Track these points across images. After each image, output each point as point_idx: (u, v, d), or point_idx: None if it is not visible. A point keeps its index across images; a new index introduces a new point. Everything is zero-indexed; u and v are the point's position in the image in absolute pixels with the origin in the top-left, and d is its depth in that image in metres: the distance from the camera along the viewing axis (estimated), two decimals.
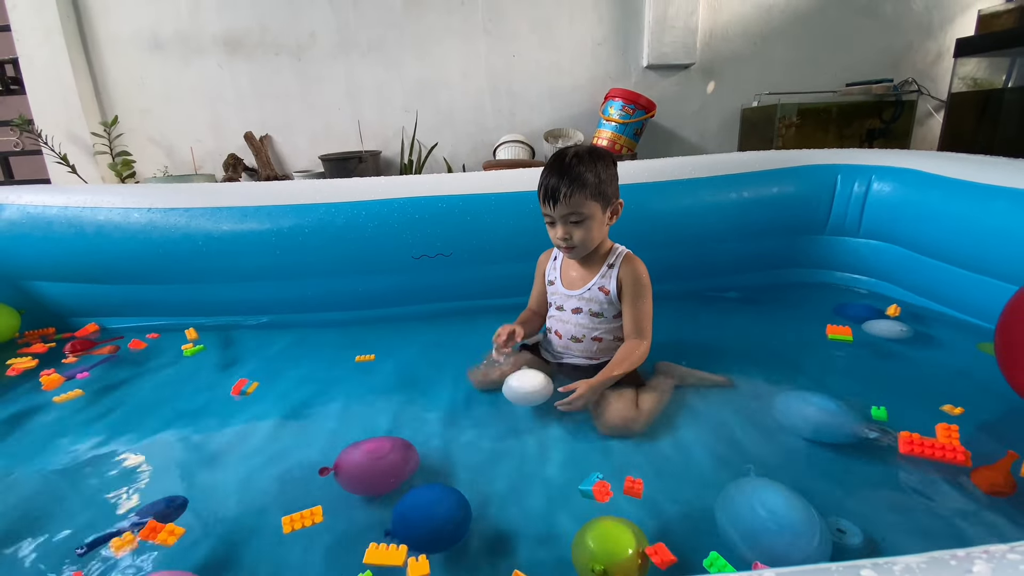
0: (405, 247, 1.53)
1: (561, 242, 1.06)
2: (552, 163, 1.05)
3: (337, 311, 1.63)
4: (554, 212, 1.03)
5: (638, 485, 0.83)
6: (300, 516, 0.81)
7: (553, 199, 1.02)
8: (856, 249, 1.69)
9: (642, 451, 0.96)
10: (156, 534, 0.78)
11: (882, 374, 1.21)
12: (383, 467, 0.88)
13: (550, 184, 1.03)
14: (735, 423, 1.03)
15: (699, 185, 1.64)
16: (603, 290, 1.12)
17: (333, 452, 0.95)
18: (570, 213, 1.04)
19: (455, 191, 1.56)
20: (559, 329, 1.18)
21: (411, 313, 1.63)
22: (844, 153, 1.72)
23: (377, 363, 1.33)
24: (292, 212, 1.51)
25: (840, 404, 1.02)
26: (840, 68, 3.01)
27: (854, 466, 0.91)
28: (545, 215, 1.05)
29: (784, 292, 1.71)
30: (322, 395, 1.19)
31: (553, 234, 1.07)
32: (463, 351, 1.32)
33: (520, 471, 0.91)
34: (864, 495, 0.84)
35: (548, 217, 1.05)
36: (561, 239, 1.06)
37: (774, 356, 1.30)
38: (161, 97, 2.92)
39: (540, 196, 1.03)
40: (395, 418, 1.09)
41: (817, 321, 1.43)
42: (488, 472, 0.91)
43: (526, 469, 0.92)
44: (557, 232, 1.06)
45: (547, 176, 1.04)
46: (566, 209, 1.03)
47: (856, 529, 0.77)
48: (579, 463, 0.92)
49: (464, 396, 1.16)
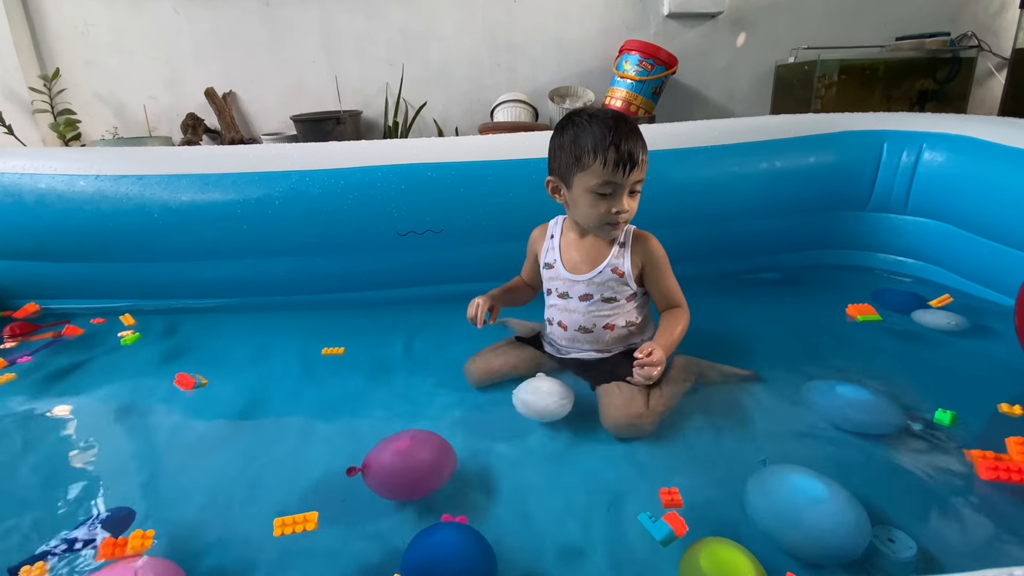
0: (389, 222, 1.52)
1: (618, 217, 1.04)
2: (610, 120, 1.00)
3: (313, 294, 1.63)
4: (626, 179, 1.01)
5: (676, 496, 0.85)
6: (292, 521, 0.82)
7: (631, 163, 0.99)
8: (902, 228, 1.69)
9: (661, 453, 0.99)
10: (121, 549, 0.79)
11: (933, 369, 1.22)
12: (422, 468, 0.87)
13: (627, 147, 0.99)
14: (764, 418, 1.05)
15: (725, 153, 1.63)
16: (616, 271, 1.12)
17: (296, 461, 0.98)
18: (639, 180, 1.03)
19: (447, 158, 1.55)
20: (564, 320, 1.17)
21: (395, 297, 1.63)
22: (891, 118, 1.71)
23: (349, 357, 1.34)
24: (260, 181, 1.50)
25: (887, 401, 1.04)
26: (889, 20, 2.98)
27: (909, 471, 0.93)
28: (606, 184, 1.01)
29: (819, 276, 1.72)
30: (281, 395, 1.20)
31: (606, 207, 1.03)
32: (455, 342, 1.31)
33: (539, 495, 0.90)
34: (920, 504, 0.86)
35: (609, 187, 1.01)
36: (622, 212, 1.04)
37: (807, 347, 1.31)
38: (109, 47, 2.88)
39: (605, 161, 0.98)
40: (369, 428, 1.07)
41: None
42: (502, 497, 0.89)
43: (546, 492, 0.91)
44: (615, 204, 1.03)
45: (614, 135, 0.99)
46: (639, 175, 1.02)
47: (910, 541, 0.78)
48: (602, 478, 0.93)
49: (459, 397, 1.16)
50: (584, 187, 1.03)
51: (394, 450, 0.88)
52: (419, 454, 0.88)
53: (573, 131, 1.03)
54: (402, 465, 0.87)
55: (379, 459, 0.88)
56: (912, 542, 0.78)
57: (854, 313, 1.44)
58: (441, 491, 0.89)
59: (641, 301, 1.17)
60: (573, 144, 1.02)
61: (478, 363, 1.21)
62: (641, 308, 1.18)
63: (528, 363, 1.22)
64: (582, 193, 1.04)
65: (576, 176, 1.03)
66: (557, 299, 1.18)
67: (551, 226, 1.21)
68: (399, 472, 0.86)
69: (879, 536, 0.79)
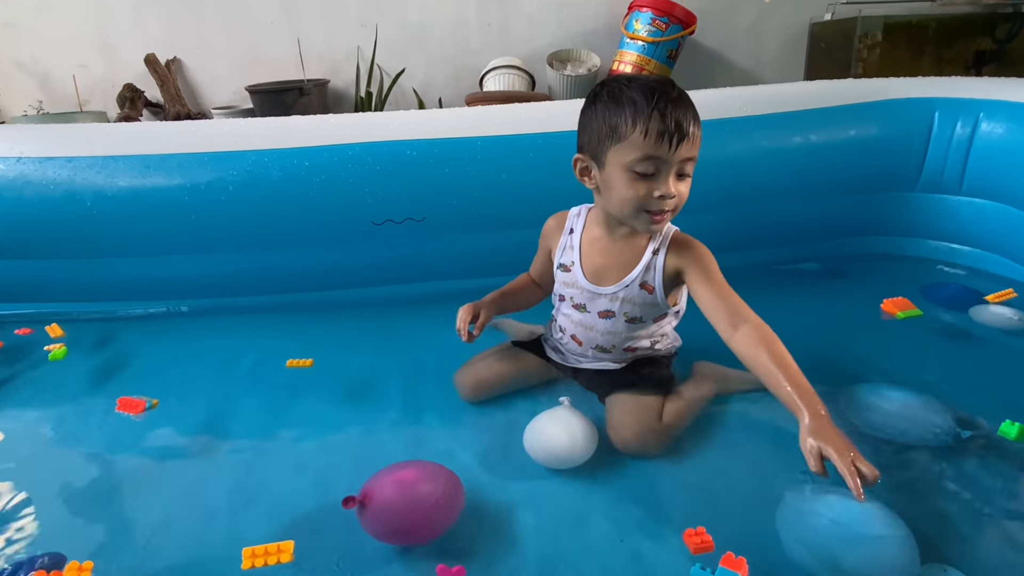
0: (363, 210, 1.51)
1: (662, 203, 0.97)
2: (653, 84, 0.96)
3: (275, 295, 1.63)
4: (673, 155, 0.94)
5: (705, 538, 0.85)
6: (264, 550, 0.83)
7: (679, 134, 0.93)
8: (956, 210, 1.70)
9: (684, 477, 1.00)
10: None
11: (992, 373, 1.24)
12: (428, 510, 0.85)
13: (675, 114, 0.93)
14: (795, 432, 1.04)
15: (752, 126, 1.64)
16: (646, 287, 1.07)
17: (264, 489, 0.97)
18: (689, 158, 0.96)
19: (429, 134, 1.53)
20: (577, 335, 1.15)
21: (371, 298, 1.63)
22: (944, 83, 1.72)
23: (318, 370, 1.33)
24: (211, 163, 1.48)
25: (940, 408, 1.05)
26: None
27: (965, 494, 0.93)
28: (647, 160, 0.94)
29: (862, 267, 1.73)
30: (242, 415, 1.20)
31: (647, 189, 0.96)
32: (444, 349, 1.29)
33: (548, 538, 0.90)
34: (977, 535, 0.86)
35: (651, 163, 0.94)
36: (667, 196, 0.96)
37: (847, 348, 1.32)
38: (32, 7, 2.86)
39: (647, 131, 0.93)
40: (346, 452, 1.08)
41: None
42: (504, 541, 0.89)
43: (556, 535, 0.90)
44: (659, 186, 0.95)
45: (659, 100, 0.93)
46: (690, 150, 0.95)
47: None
48: (623, 514, 0.93)
49: (451, 416, 1.16)
50: (620, 164, 0.96)
51: (395, 481, 0.88)
52: (424, 486, 0.88)
53: (608, 97, 0.98)
54: (404, 498, 0.86)
55: (378, 490, 0.86)
56: None
57: (892, 309, 1.45)
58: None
59: (671, 320, 1.16)
60: (607, 112, 0.97)
61: (469, 374, 1.21)
62: (669, 326, 1.17)
63: (528, 373, 1.22)
64: (617, 172, 0.97)
65: (610, 151, 0.97)
66: (572, 310, 1.15)
67: (571, 217, 1.16)
68: (400, 507, 0.85)
69: (929, 575, 0.79)
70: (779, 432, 1.07)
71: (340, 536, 0.89)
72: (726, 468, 1.02)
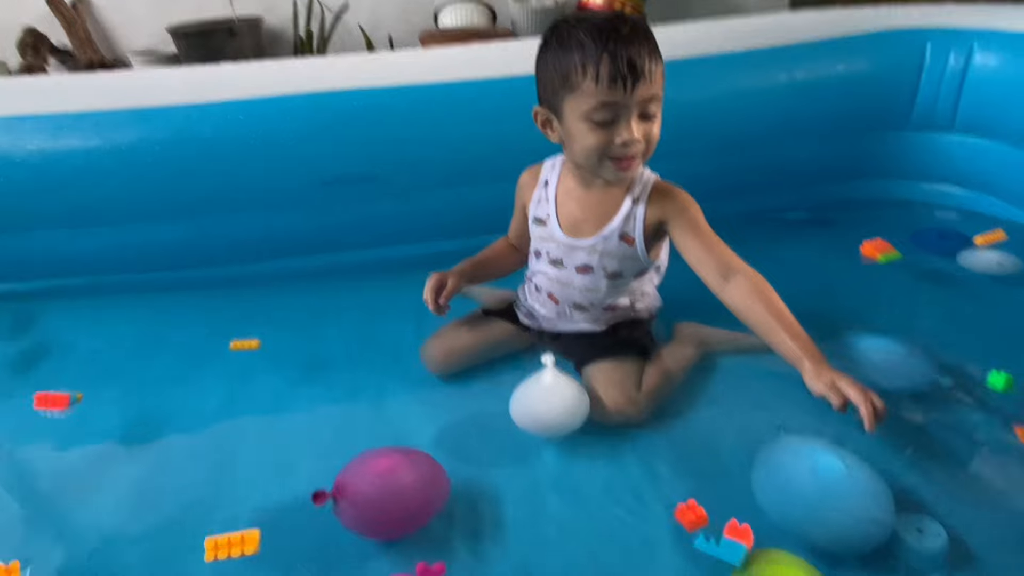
0: (308, 168, 1.50)
1: (625, 150, 0.97)
2: (601, 22, 0.95)
3: (213, 267, 1.60)
4: (630, 97, 0.94)
5: (698, 511, 0.88)
6: (227, 541, 0.85)
7: (634, 74, 0.92)
8: (948, 150, 1.73)
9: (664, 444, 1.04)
10: None
11: (978, 321, 1.29)
12: (408, 502, 0.86)
13: (626, 53, 0.92)
14: (779, 388, 1.09)
15: (733, 63, 1.63)
16: (626, 239, 1.09)
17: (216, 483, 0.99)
18: (651, 98, 0.96)
19: (381, 81, 1.50)
20: (554, 292, 1.17)
21: (322, 267, 1.61)
22: (936, 10, 1.71)
23: (267, 351, 1.32)
24: (133, 120, 1.44)
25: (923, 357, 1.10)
26: None
27: (946, 444, 0.98)
28: (603, 108, 0.94)
29: (852, 214, 1.76)
30: (182, 405, 1.19)
31: (606, 137, 0.97)
32: (408, 321, 1.30)
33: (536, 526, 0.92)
34: (957, 486, 0.92)
35: (608, 110, 0.95)
36: (630, 143, 0.96)
37: (833, 299, 1.36)
38: None
39: (598, 76, 0.93)
40: (305, 441, 1.08)
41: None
42: (486, 532, 0.90)
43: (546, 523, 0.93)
44: (621, 133, 0.96)
45: (608, 40, 0.92)
46: (649, 90, 0.95)
47: (939, 529, 0.83)
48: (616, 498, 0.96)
49: (420, 394, 1.16)
50: (577, 114, 0.97)
51: (371, 472, 0.88)
52: (404, 477, 0.89)
53: (556, 42, 0.98)
54: (382, 492, 0.86)
55: (353, 483, 0.87)
56: (942, 531, 0.83)
57: (872, 253, 1.50)
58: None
59: (652, 275, 1.18)
60: (557, 59, 0.97)
61: (437, 346, 1.21)
62: (651, 282, 1.19)
63: (500, 341, 1.23)
64: (575, 123, 0.98)
65: (566, 101, 0.98)
66: (548, 266, 1.16)
67: (545, 169, 1.17)
68: (379, 501, 0.86)
69: (906, 525, 0.84)
70: (763, 393, 1.11)
71: (309, 527, 0.90)
72: (713, 433, 1.05)
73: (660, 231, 1.09)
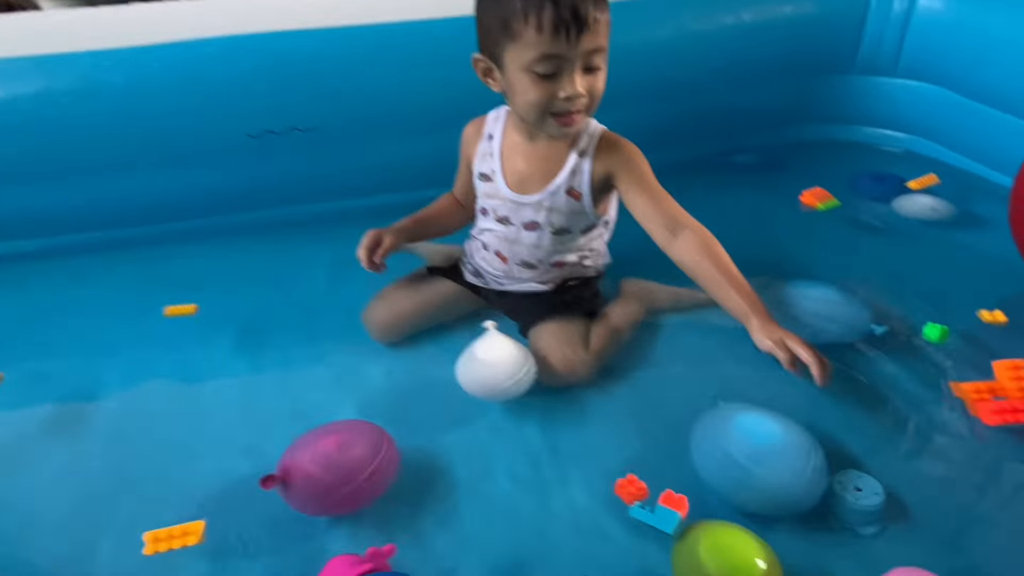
0: (234, 119, 1.44)
1: (568, 105, 0.96)
2: None
3: (139, 226, 1.56)
4: (574, 49, 0.91)
5: (638, 484, 0.88)
6: (168, 534, 0.83)
7: (578, 24, 0.89)
8: (891, 94, 1.75)
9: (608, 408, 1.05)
10: None
11: (910, 268, 1.33)
12: (356, 475, 0.85)
13: (571, 1, 0.89)
14: (720, 348, 1.11)
15: (680, 5, 1.61)
16: (573, 194, 1.08)
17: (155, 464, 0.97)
18: (596, 50, 0.94)
19: (313, 21, 1.44)
20: (502, 250, 1.16)
21: (255, 224, 1.58)
22: None
23: (204, 316, 1.28)
24: (36, 69, 1.38)
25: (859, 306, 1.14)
26: None
27: (884, 398, 1.01)
28: (546, 59, 0.92)
29: (796, 158, 1.78)
30: (113, 378, 1.15)
31: (549, 91, 0.95)
32: (350, 281, 1.26)
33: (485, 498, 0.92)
34: (894, 441, 0.95)
35: (551, 62, 0.92)
36: (574, 98, 0.95)
37: (776, 247, 1.39)
38: None
39: (540, 24, 0.89)
40: (246, 414, 1.06)
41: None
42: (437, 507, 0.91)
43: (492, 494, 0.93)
44: (564, 87, 0.94)
45: None
46: (594, 40, 0.92)
47: (877, 487, 0.85)
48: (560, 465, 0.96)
49: (364, 361, 1.15)
50: (518, 65, 0.94)
51: (319, 452, 0.87)
52: (353, 453, 0.87)
53: None
54: (331, 471, 0.85)
55: (300, 464, 0.85)
56: (880, 488, 0.85)
57: (811, 201, 1.54)
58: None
59: (600, 231, 1.17)
60: (498, 5, 0.94)
61: (380, 310, 1.19)
62: (600, 239, 1.18)
63: (447, 304, 1.22)
64: (517, 74, 0.95)
65: (507, 51, 0.95)
66: (495, 223, 1.15)
67: (489, 122, 1.15)
68: (328, 482, 0.85)
69: (843, 482, 0.86)
70: (708, 350, 1.14)
71: (254, 511, 0.89)
72: (658, 394, 1.07)
73: (607, 185, 1.09)
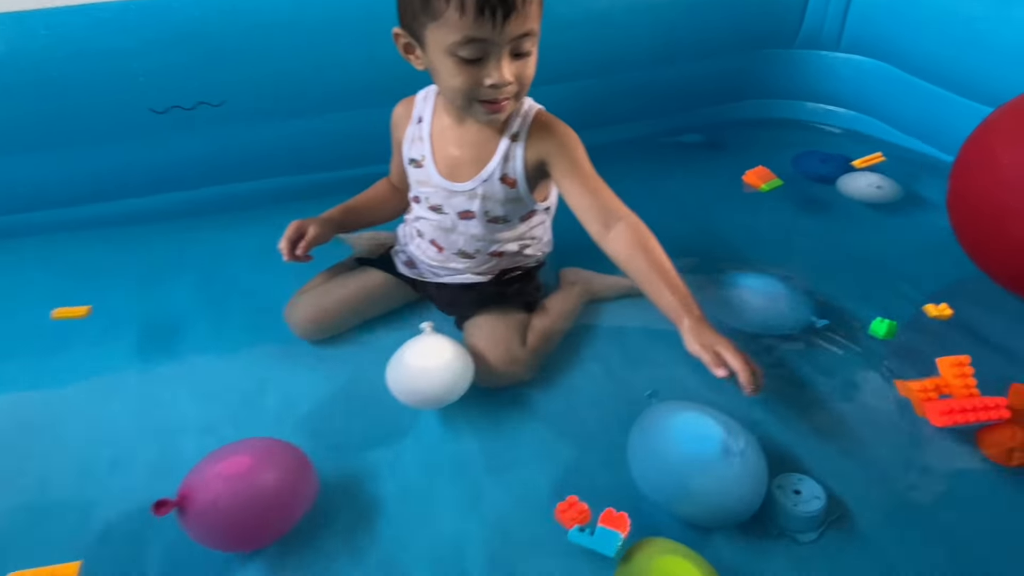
0: (136, 93, 1.38)
1: (495, 93, 0.92)
2: None
3: (23, 213, 1.49)
4: (503, 35, 0.87)
5: (580, 506, 0.84)
6: None
7: (505, 7, 0.85)
8: (834, 69, 1.75)
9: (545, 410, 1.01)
10: None
11: (854, 255, 1.32)
12: (268, 503, 0.79)
13: None
14: (658, 339, 1.09)
15: None
16: (507, 181, 1.04)
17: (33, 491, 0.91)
18: (525, 34, 0.89)
19: None
20: (437, 239, 1.13)
21: (159, 210, 1.52)
22: None
23: (98, 319, 1.21)
24: None
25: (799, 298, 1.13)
26: None
27: (827, 396, 1.01)
28: (470, 43, 0.88)
29: (740, 136, 1.78)
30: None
31: (476, 78, 0.91)
32: (270, 273, 1.21)
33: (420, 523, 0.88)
34: (838, 443, 0.93)
35: (476, 47, 0.88)
36: (501, 86, 0.91)
37: (717, 233, 1.39)
38: None
39: (463, 6, 0.84)
40: (149, 432, 0.99)
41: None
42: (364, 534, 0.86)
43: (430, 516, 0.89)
44: (490, 74, 0.90)
45: None
46: (523, 24, 0.88)
47: (818, 490, 0.83)
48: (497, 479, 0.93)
49: (285, 363, 1.10)
50: (440, 47, 0.90)
51: (226, 473, 0.80)
52: (266, 476, 0.81)
53: None
54: (239, 496, 0.78)
55: (203, 487, 0.78)
56: (821, 492, 0.83)
57: (755, 181, 1.53)
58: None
59: (541, 218, 1.14)
60: None
61: (304, 305, 1.14)
62: (542, 226, 1.15)
63: (378, 297, 1.18)
64: (439, 56, 0.91)
65: (428, 29, 0.90)
66: (429, 211, 1.11)
67: (419, 103, 1.10)
68: (236, 509, 0.78)
69: (783, 486, 0.84)
70: (647, 344, 1.11)
71: (144, 545, 0.83)
72: (596, 395, 1.05)
73: (542, 171, 1.05)
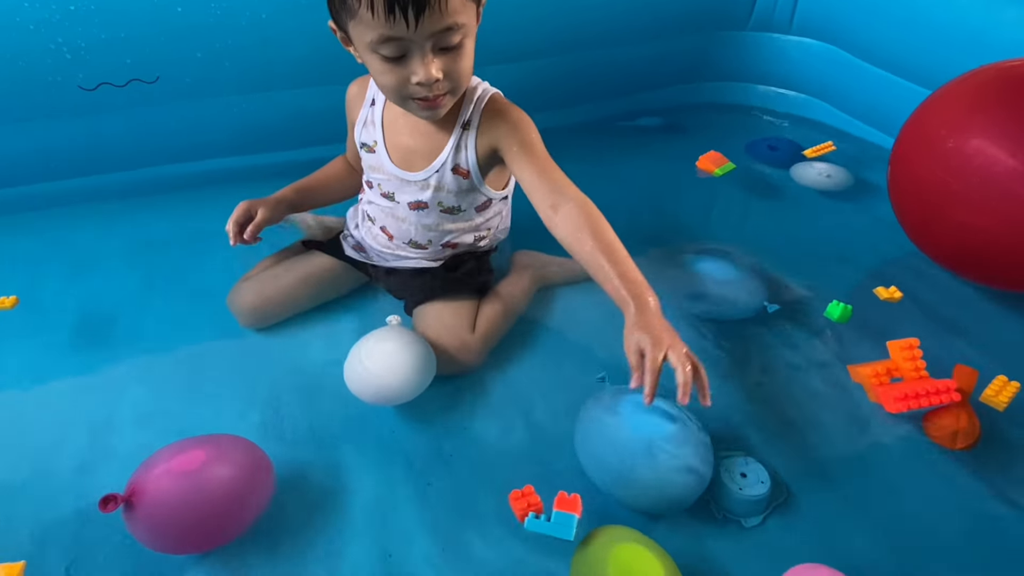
0: (65, 69, 1.34)
1: (426, 90, 0.88)
2: None
3: None
4: (418, 32, 0.83)
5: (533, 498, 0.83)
6: None
7: (416, 7, 0.80)
8: (785, 51, 1.76)
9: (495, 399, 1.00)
10: None
11: (802, 237, 1.35)
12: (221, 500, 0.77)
13: None
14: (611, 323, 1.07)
15: None
16: (459, 171, 1.02)
17: None
18: (444, 30, 0.84)
19: None
20: (388, 227, 1.10)
21: (90, 191, 1.47)
22: None
23: (27, 309, 1.17)
24: None
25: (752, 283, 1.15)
26: None
27: (777, 379, 1.02)
28: (388, 42, 0.84)
29: (696, 120, 1.78)
30: None
31: (402, 76, 0.88)
32: (210, 257, 1.19)
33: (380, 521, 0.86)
34: (786, 428, 0.94)
35: (395, 46, 0.84)
36: (427, 82, 0.87)
37: (671, 216, 1.39)
38: None
39: (372, 5, 0.81)
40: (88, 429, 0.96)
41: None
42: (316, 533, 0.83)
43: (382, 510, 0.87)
44: (415, 72, 0.86)
45: None
46: (440, 21, 0.83)
47: (763, 475, 0.84)
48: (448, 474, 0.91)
49: (228, 354, 1.07)
50: (364, 45, 0.87)
51: (176, 469, 0.77)
52: (220, 472, 0.78)
53: None
54: (191, 493, 0.76)
55: (154, 484, 0.75)
56: (766, 476, 0.84)
57: (708, 166, 1.54)
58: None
59: (498, 208, 1.12)
60: None
61: (248, 291, 1.11)
62: (499, 216, 1.14)
63: (326, 283, 1.15)
64: (366, 53, 0.89)
65: (350, 26, 0.87)
66: (380, 197, 1.09)
67: (373, 83, 1.07)
68: (186, 506, 0.75)
69: (729, 469, 0.85)
70: (599, 327, 1.09)
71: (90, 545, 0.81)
72: (545, 380, 1.04)
73: (496, 158, 1.02)
